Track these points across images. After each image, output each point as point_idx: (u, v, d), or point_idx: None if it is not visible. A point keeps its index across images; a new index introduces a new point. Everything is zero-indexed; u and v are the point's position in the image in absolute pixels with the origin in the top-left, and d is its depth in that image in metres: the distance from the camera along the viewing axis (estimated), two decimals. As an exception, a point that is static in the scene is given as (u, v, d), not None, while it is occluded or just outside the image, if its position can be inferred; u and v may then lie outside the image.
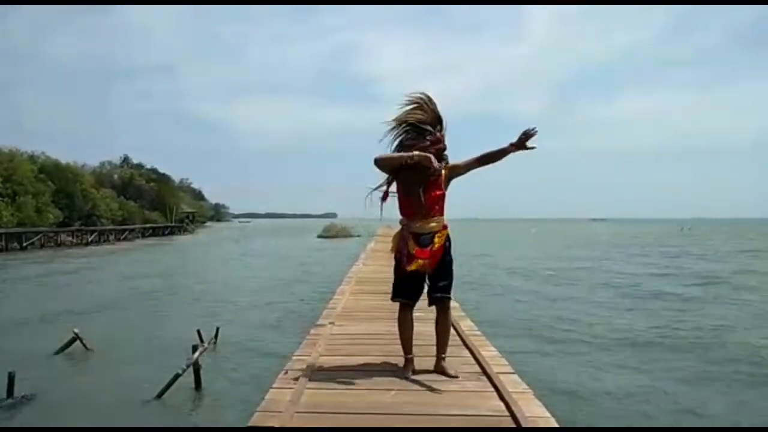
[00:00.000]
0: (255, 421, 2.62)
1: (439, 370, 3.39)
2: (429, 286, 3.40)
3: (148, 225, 55.20)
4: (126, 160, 69.02)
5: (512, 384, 3.12)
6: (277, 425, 2.53)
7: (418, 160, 3.19)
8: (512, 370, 3.42)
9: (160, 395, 6.08)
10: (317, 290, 14.07)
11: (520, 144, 3.20)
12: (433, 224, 3.31)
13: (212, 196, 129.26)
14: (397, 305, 3.51)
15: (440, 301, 3.38)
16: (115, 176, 61.05)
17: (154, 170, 69.54)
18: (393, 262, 3.50)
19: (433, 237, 3.30)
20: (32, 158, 42.56)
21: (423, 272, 3.33)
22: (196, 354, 6.57)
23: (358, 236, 45.10)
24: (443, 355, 3.42)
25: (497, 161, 3.34)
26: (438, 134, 3.33)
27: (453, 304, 6.22)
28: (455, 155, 3.44)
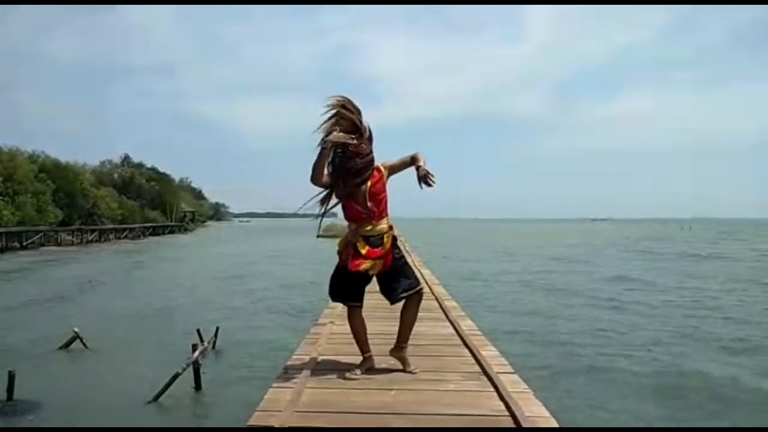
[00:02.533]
0: (255, 420, 2.62)
1: (398, 357, 3.46)
2: (388, 284, 3.43)
3: (148, 224, 55.19)
4: (126, 159, 68.96)
5: (512, 384, 3.12)
6: (276, 424, 2.53)
7: (335, 142, 3.16)
8: (512, 370, 3.42)
9: (159, 395, 6.08)
10: (317, 290, 14.05)
11: (419, 174, 3.23)
12: (382, 226, 3.36)
13: (212, 196, 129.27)
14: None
15: (415, 294, 3.44)
16: (116, 175, 61.01)
17: (154, 169, 69.50)
18: None
19: (383, 238, 3.36)
20: (32, 158, 42.57)
21: (371, 274, 3.37)
22: (196, 353, 6.57)
23: None
24: (405, 345, 3.47)
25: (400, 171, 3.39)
26: (357, 142, 3.21)
27: (453, 304, 6.27)
28: (455, 154, 3.43)
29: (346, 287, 3.45)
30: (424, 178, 3.22)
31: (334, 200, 3.41)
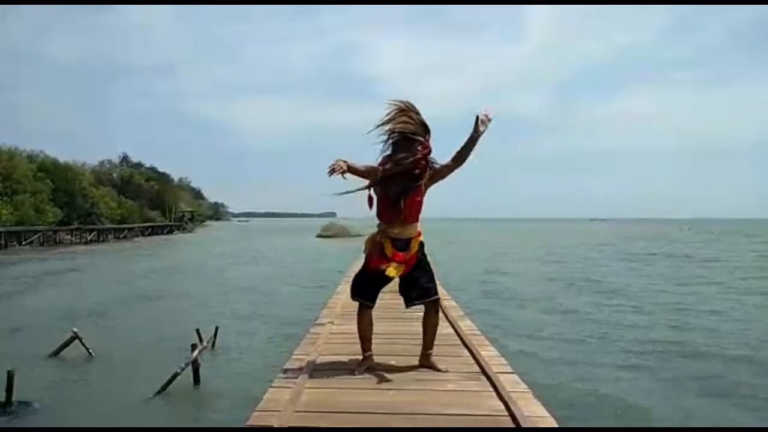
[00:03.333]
0: (254, 420, 2.62)
1: (428, 365, 3.48)
2: (407, 289, 3.44)
3: (147, 224, 55.17)
4: (125, 158, 68.97)
5: (511, 384, 3.12)
6: (276, 424, 2.53)
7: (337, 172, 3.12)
8: (511, 370, 3.42)
9: (158, 394, 6.08)
10: (317, 290, 14.06)
11: (478, 127, 3.23)
12: (411, 230, 3.39)
13: (211, 195, 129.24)
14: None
15: (432, 303, 3.48)
16: (115, 175, 61.02)
17: (153, 169, 69.51)
18: None
19: (410, 242, 3.38)
20: (31, 157, 42.56)
21: (391, 276, 3.39)
22: (195, 353, 6.58)
23: (358, 236, 45.10)
24: (430, 351, 3.52)
25: (471, 152, 3.33)
26: (426, 142, 3.32)
27: (452, 303, 6.27)
28: (447, 151, 3.44)
29: (366, 286, 3.47)
30: (482, 122, 3.21)
31: (362, 183, 3.38)
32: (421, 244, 3.47)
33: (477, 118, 3.22)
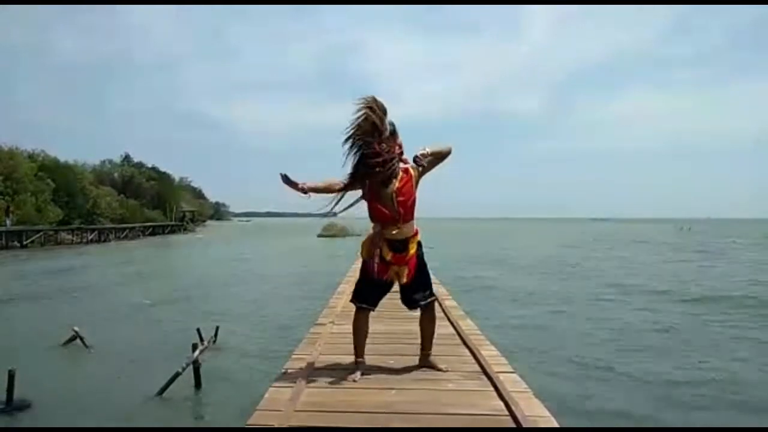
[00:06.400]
0: (254, 419, 2.62)
1: (429, 365, 3.49)
2: (410, 292, 3.42)
3: (148, 224, 55.17)
4: (126, 158, 68.89)
5: (512, 383, 3.13)
6: (276, 424, 2.53)
7: (304, 192, 3.18)
8: (512, 370, 3.43)
9: (159, 394, 6.08)
10: (318, 289, 14.06)
11: (422, 161, 3.29)
12: (407, 230, 3.32)
13: (212, 195, 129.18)
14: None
15: (430, 304, 3.47)
16: (116, 174, 60.99)
17: (154, 169, 69.42)
18: None
19: (407, 242, 3.33)
20: (32, 156, 42.57)
21: (393, 281, 3.37)
22: (196, 352, 6.57)
23: (359, 235, 45.09)
24: (429, 351, 3.53)
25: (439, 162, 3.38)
26: (377, 146, 3.15)
27: (453, 303, 6.27)
28: (455, 154, 3.42)
29: (369, 292, 3.43)
30: (414, 159, 3.29)
31: (350, 199, 3.37)
32: (419, 244, 3.42)
33: (415, 158, 3.28)
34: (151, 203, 61.87)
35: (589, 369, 7.27)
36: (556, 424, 2.59)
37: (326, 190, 3.28)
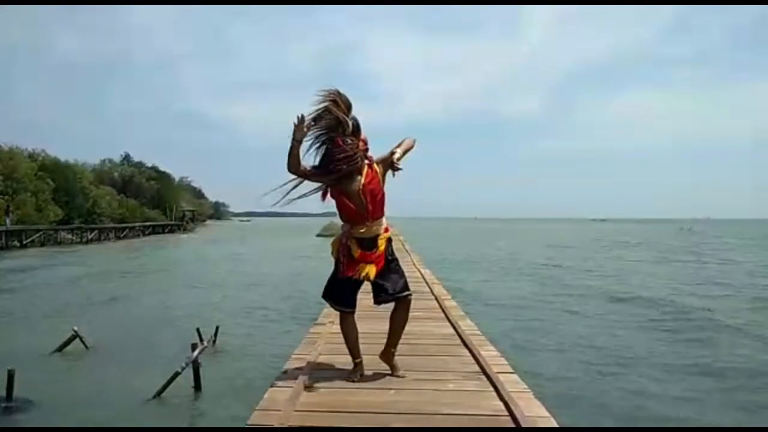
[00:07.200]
0: (254, 419, 2.62)
1: (388, 362, 3.40)
2: (377, 288, 3.35)
3: (147, 223, 55.13)
4: (126, 158, 68.84)
5: (512, 384, 3.13)
6: (276, 424, 2.53)
7: (299, 138, 3.09)
8: (512, 370, 3.43)
9: (158, 394, 6.08)
10: (317, 289, 14.04)
11: (396, 164, 3.20)
12: (376, 227, 3.28)
13: (212, 195, 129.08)
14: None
15: (404, 298, 3.36)
16: (116, 174, 60.92)
17: (154, 168, 69.37)
18: None
19: (377, 240, 3.29)
20: (32, 156, 42.55)
21: (364, 279, 3.31)
22: (196, 352, 6.56)
23: None
24: (394, 350, 3.42)
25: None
26: (341, 141, 3.12)
27: (452, 303, 6.27)
28: (455, 154, 3.40)
29: (338, 291, 3.38)
30: (391, 165, 3.20)
31: (307, 189, 3.31)
32: (389, 241, 3.37)
33: (394, 167, 3.19)
34: (151, 203, 61.82)
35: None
36: (555, 424, 2.59)
37: (299, 163, 3.17)
